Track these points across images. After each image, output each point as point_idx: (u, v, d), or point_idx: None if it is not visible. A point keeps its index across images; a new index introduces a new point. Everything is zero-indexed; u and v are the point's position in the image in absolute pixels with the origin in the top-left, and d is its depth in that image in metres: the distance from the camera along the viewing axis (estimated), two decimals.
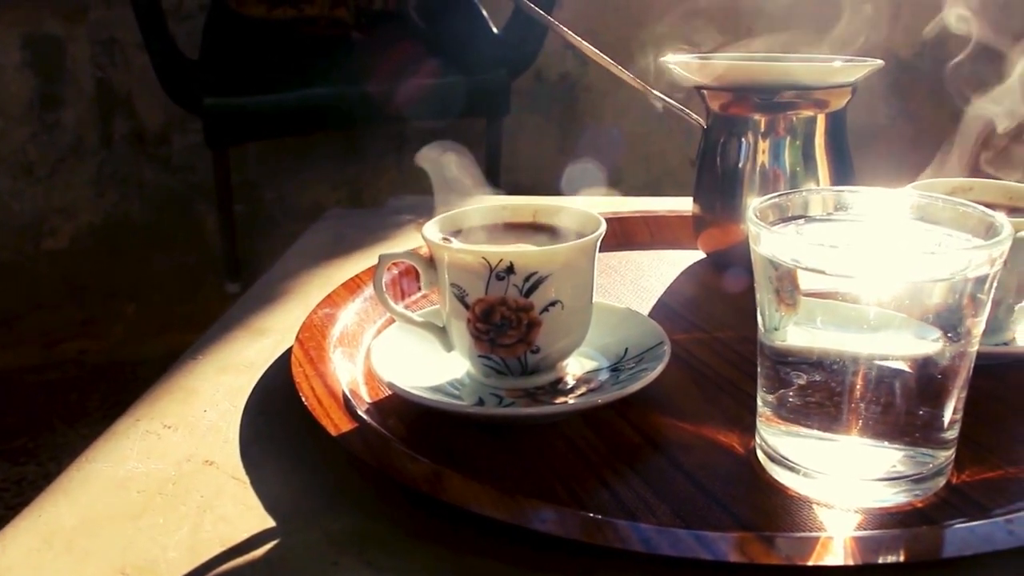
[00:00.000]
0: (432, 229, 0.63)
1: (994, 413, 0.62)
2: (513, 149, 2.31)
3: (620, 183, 2.56)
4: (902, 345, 0.49)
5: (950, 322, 0.48)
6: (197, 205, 2.49)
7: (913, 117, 2.30)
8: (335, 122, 2.15)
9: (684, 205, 0.89)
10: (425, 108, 2.09)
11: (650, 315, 0.77)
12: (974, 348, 0.50)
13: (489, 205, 0.67)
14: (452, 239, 0.63)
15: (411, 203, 1.13)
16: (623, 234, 0.95)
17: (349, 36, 2.13)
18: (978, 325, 0.50)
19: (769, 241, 0.50)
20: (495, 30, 2.14)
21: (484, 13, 2.18)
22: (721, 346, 0.71)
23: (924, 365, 0.49)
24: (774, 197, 0.54)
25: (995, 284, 0.49)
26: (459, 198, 0.69)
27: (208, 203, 2.34)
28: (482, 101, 2.11)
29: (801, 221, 0.55)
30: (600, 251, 0.89)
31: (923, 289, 0.47)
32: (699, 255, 0.90)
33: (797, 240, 0.51)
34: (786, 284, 0.50)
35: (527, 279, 0.58)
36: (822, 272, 0.48)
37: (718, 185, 0.83)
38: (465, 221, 0.65)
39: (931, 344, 0.49)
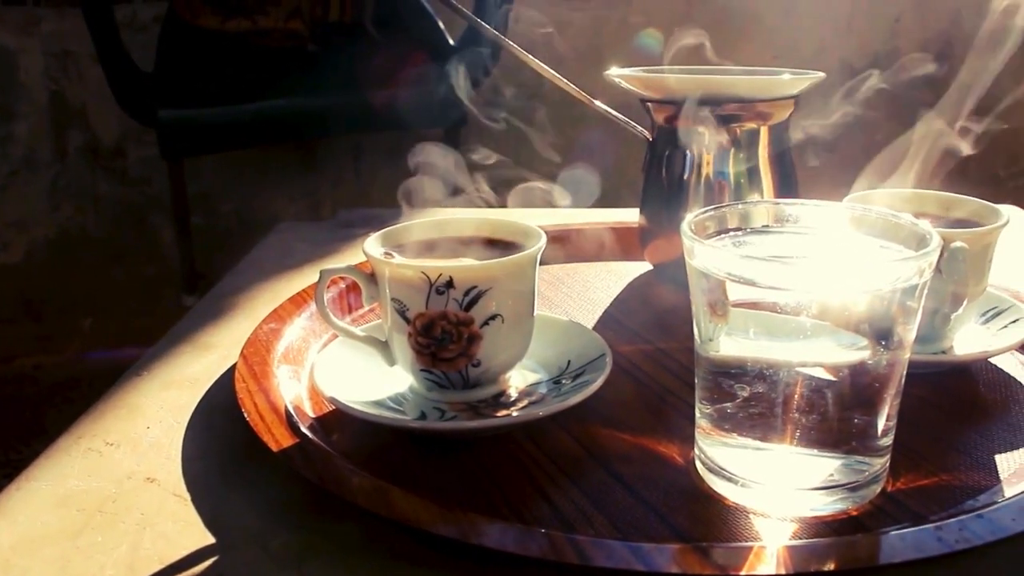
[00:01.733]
0: (373, 244, 0.63)
1: (930, 421, 0.63)
2: (469, 159, 2.31)
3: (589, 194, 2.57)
4: (834, 355, 0.50)
5: (881, 331, 0.49)
6: (153, 218, 2.47)
7: (868, 127, 2.32)
8: (291, 134, 2.14)
9: (632, 217, 0.90)
10: (382, 119, 2.09)
11: (595, 327, 0.77)
12: (906, 356, 0.51)
13: (431, 219, 0.67)
14: (394, 254, 0.63)
15: (361, 216, 1.13)
16: (572, 246, 0.95)
17: (305, 48, 2.13)
18: (909, 333, 0.51)
19: (702, 254, 0.50)
20: (452, 41, 2.14)
21: (441, 24, 2.19)
22: (665, 357, 0.71)
23: (857, 374, 0.50)
24: (709, 210, 0.55)
25: (925, 293, 0.50)
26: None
27: (164, 216, 2.33)
28: (439, 112, 2.11)
29: (737, 233, 0.56)
30: (548, 263, 0.90)
31: (853, 300, 0.48)
32: (646, 266, 0.91)
33: (728, 253, 0.51)
34: (719, 296, 0.50)
35: (467, 293, 0.58)
36: (753, 284, 0.48)
37: (663, 197, 0.83)
38: (407, 236, 0.66)
39: (863, 353, 0.49)
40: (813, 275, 0.49)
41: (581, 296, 0.85)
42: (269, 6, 2.08)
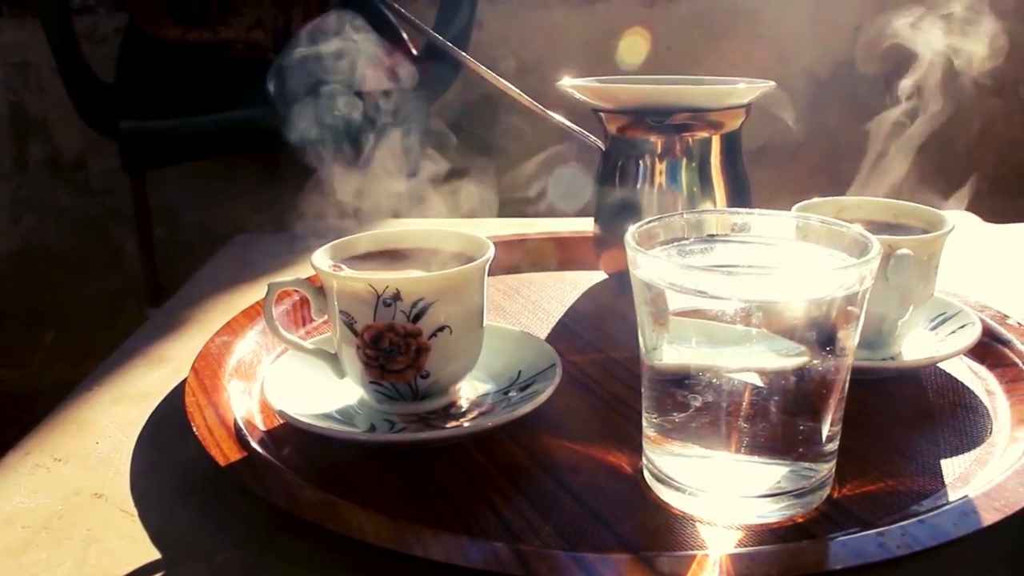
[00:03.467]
0: (322, 257, 0.63)
1: (878, 427, 0.63)
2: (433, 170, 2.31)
3: (536, 203, 2.58)
4: (777, 362, 0.50)
5: (823, 338, 0.50)
6: (116, 230, 2.45)
7: (830, 133, 2.34)
8: (255, 144, 2.13)
9: (588, 226, 0.90)
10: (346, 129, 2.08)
11: (549, 336, 0.78)
12: (849, 362, 0.52)
13: (380, 232, 0.67)
14: (343, 266, 0.63)
15: (319, 228, 1.13)
16: (527, 255, 0.96)
17: (267, 58, 2.12)
18: (851, 339, 0.51)
19: (644, 264, 0.51)
20: (414, 51, 2.14)
21: (404, 35, 2.18)
22: (616, 366, 0.71)
23: (801, 380, 0.50)
24: (653, 220, 0.55)
25: (867, 300, 0.50)
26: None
27: (127, 228, 2.31)
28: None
29: (682, 243, 0.56)
30: (504, 274, 0.90)
31: (795, 308, 0.49)
32: (601, 275, 0.91)
33: (670, 263, 0.51)
34: (661, 305, 0.50)
35: (414, 305, 0.58)
36: (695, 293, 0.49)
37: (617, 207, 0.83)
38: (356, 248, 0.66)
39: (805, 360, 0.50)
40: (754, 284, 0.49)
41: (535, 306, 0.85)
42: (231, 17, 2.07)
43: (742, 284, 0.48)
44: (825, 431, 0.52)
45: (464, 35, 2.07)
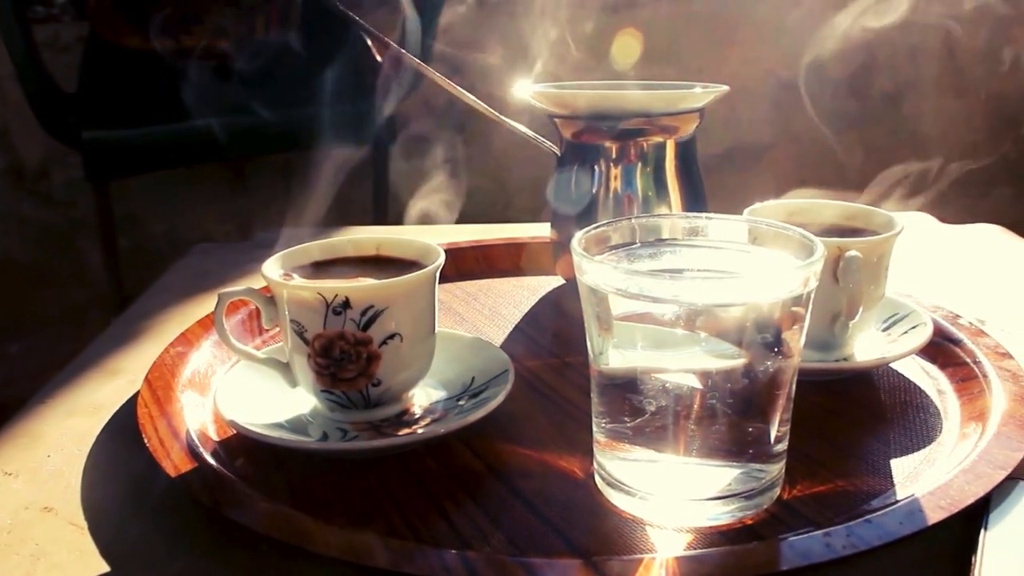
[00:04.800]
0: (272, 266, 0.63)
1: (829, 428, 0.64)
2: (402, 177, 2.31)
3: (508, 207, 2.58)
4: (723, 365, 0.50)
5: (769, 339, 0.50)
6: (80, 241, 2.43)
7: (796, 136, 2.36)
8: (219, 153, 2.12)
9: (546, 231, 0.91)
10: (310, 138, 2.08)
11: (505, 342, 0.78)
12: (795, 363, 0.52)
13: (332, 240, 0.67)
14: (294, 275, 0.63)
15: (279, 236, 1.12)
16: (485, 261, 0.96)
17: (230, 67, 2.11)
18: (797, 341, 0.51)
19: (590, 269, 0.51)
20: (379, 58, 2.13)
21: (368, 42, 2.18)
22: (571, 371, 0.72)
23: (747, 382, 0.50)
24: (601, 226, 0.55)
25: (811, 301, 0.51)
26: None
27: (92, 238, 2.29)
28: (367, 129, 2.11)
29: (630, 248, 0.56)
30: (462, 279, 0.90)
31: (740, 310, 0.49)
32: (559, 281, 0.91)
33: (614, 268, 0.52)
34: (606, 310, 0.51)
35: (364, 313, 0.58)
36: (638, 298, 0.49)
37: (572, 212, 0.84)
38: (307, 257, 0.65)
39: (752, 361, 0.50)
40: (697, 288, 0.49)
41: (493, 311, 0.85)
42: (193, 25, 2.06)
43: (685, 288, 0.49)
44: (773, 432, 0.52)
45: (427, 42, 2.07)
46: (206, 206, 2.42)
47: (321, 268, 0.65)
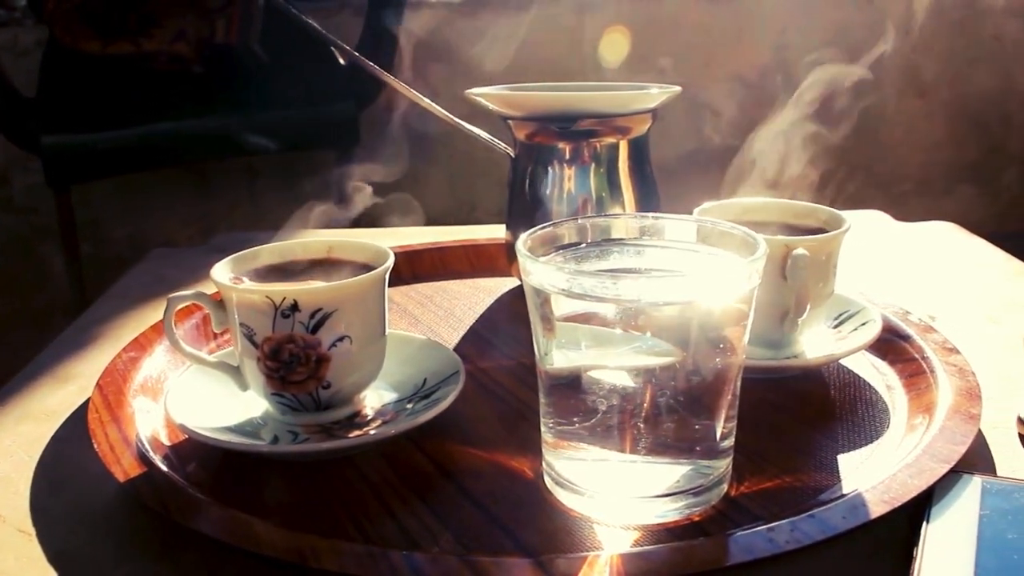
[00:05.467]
0: (222, 269, 0.63)
1: (779, 424, 0.64)
2: (367, 179, 2.30)
3: (475, 209, 2.58)
4: (667, 363, 0.51)
5: (712, 336, 0.50)
6: (42, 246, 2.41)
7: (759, 138, 2.37)
8: (181, 157, 2.11)
9: (502, 232, 0.91)
10: (273, 141, 2.07)
11: (460, 343, 0.78)
12: (739, 360, 0.53)
13: (282, 243, 0.67)
14: (244, 278, 0.63)
15: (236, 240, 1.12)
16: (442, 263, 0.96)
17: (191, 70, 2.11)
18: (741, 338, 0.52)
19: (533, 270, 0.51)
20: (341, 61, 2.13)
21: (331, 45, 2.17)
22: (525, 372, 0.72)
23: (692, 380, 0.51)
24: (547, 226, 0.56)
25: (754, 299, 0.51)
26: None
27: (54, 244, 2.27)
28: (331, 132, 2.11)
29: (579, 248, 0.57)
30: (418, 281, 0.91)
31: (682, 309, 0.49)
32: (514, 282, 0.91)
33: (557, 268, 0.52)
34: (550, 311, 0.51)
35: (312, 315, 0.58)
36: (581, 298, 0.49)
37: (528, 213, 0.84)
38: (257, 260, 0.65)
39: (696, 359, 0.50)
40: (639, 287, 0.50)
41: (448, 313, 0.85)
42: (153, 29, 2.05)
43: (627, 288, 0.49)
44: (719, 429, 0.53)
45: (389, 46, 2.07)
46: (169, 210, 2.40)
47: (272, 271, 0.65)
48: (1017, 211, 2.73)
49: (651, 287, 0.49)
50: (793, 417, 0.65)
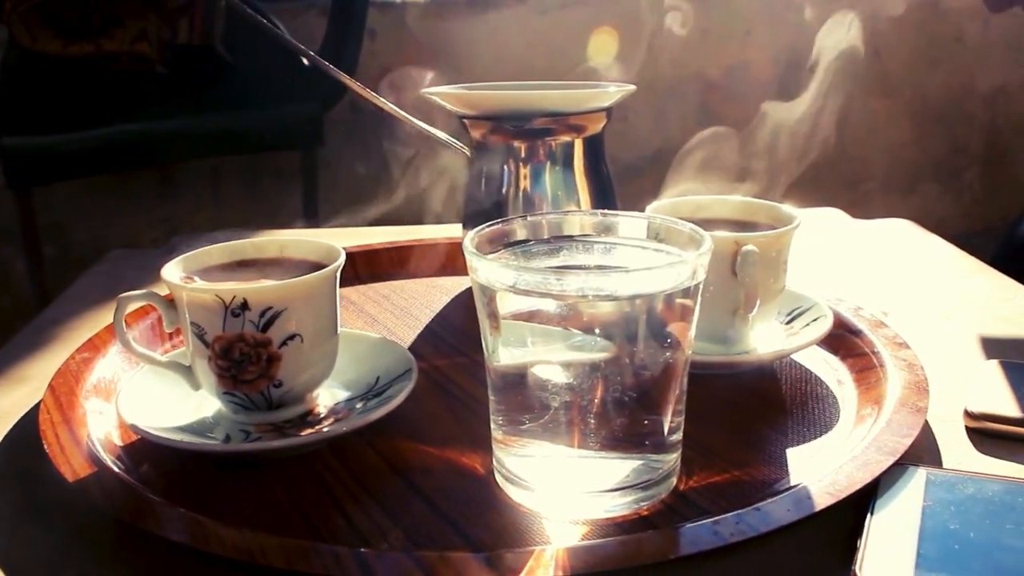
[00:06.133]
0: (173, 269, 0.63)
1: (730, 419, 0.65)
2: (332, 181, 2.30)
3: (433, 211, 2.58)
4: (613, 358, 0.51)
5: (658, 331, 0.51)
6: (3, 249, 2.39)
7: (724, 138, 2.39)
8: (144, 159, 2.10)
9: (458, 232, 0.91)
10: (237, 142, 2.07)
11: (416, 342, 0.78)
12: (686, 354, 0.53)
13: (234, 243, 0.67)
14: (195, 278, 0.63)
15: (197, 241, 1.12)
16: (399, 263, 0.96)
17: (154, 71, 2.09)
18: (687, 333, 0.52)
19: (479, 267, 0.52)
20: (305, 61, 2.12)
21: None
22: (479, 370, 0.71)
23: (639, 375, 0.51)
24: (495, 223, 0.56)
25: (699, 294, 0.52)
26: None
27: (15, 246, 2.25)
28: (295, 133, 2.10)
29: (529, 244, 0.57)
30: (375, 280, 0.91)
31: (627, 304, 0.50)
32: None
33: (503, 266, 0.52)
34: (496, 308, 0.51)
35: (262, 314, 0.58)
36: (528, 294, 0.50)
37: (484, 211, 0.84)
38: (208, 260, 0.65)
39: (641, 355, 0.51)
40: (583, 283, 0.50)
41: (404, 312, 0.85)
42: (113, 29, 2.04)
43: (570, 284, 0.49)
44: (667, 424, 0.53)
45: (354, 46, 2.07)
46: (133, 212, 2.39)
47: (224, 271, 0.65)
48: (980, 209, 2.76)
49: (595, 283, 0.50)
50: (744, 412, 0.66)
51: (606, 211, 0.58)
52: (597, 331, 0.50)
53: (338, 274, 0.62)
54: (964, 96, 2.70)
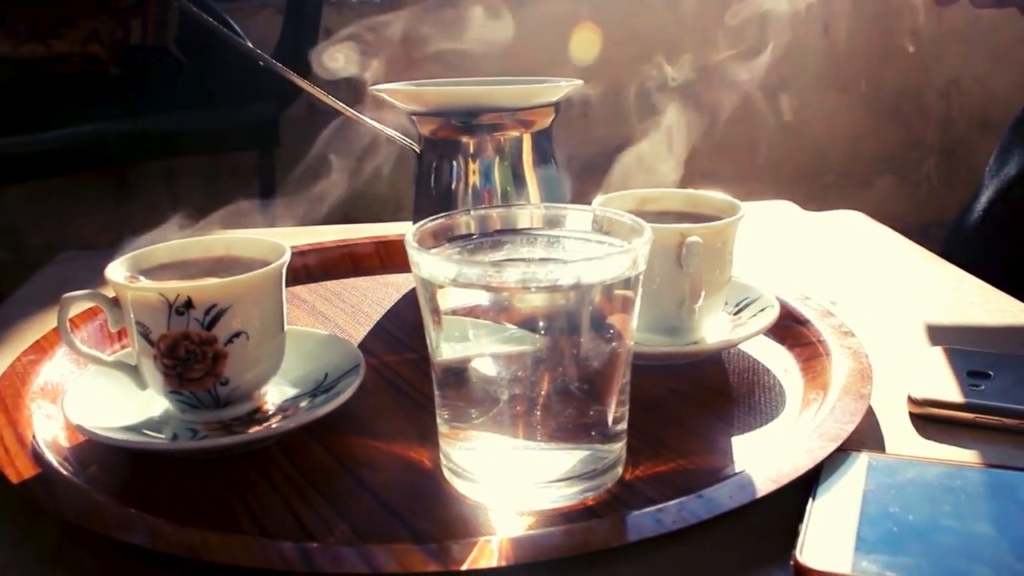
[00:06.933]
0: (117, 269, 0.62)
1: (677, 410, 0.65)
2: (291, 181, 2.29)
3: (400, 209, 2.57)
4: (554, 351, 0.51)
5: (599, 322, 0.51)
6: None
7: (682, 133, 2.39)
8: (98, 161, 2.08)
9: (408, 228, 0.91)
10: (192, 142, 2.06)
11: (366, 339, 0.78)
12: (628, 345, 0.53)
13: (180, 241, 0.67)
14: (140, 277, 0.63)
15: (148, 242, 1.11)
16: (352, 260, 0.96)
17: (107, 72, 2.07)
18: (629, 323, 0.53)
19: (421, 262, 0.52)
20: (261, 63, 2.11)
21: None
22: (428, 365, 0.72)
23: (581, 366, 0.52)
24: (437, 218, 0.56)
25: (640, 284, 0.52)
26: None
27: None
28: (251, 133, 2.10)
29: (472, 239, 0.57)
30: (326, 278, 0.91)
31: (568, 295, 0.50)
32: None
33: (443, 260, 0.53)
34: (438, 303, 0.52)
35: (207, 312, 0.58)
36: (469, 287, 0.50)
37: (434, 208, 0.84)
38: (153, 259, 0.65)
39: (584, 346, 0.51)
40: (523, 275, 0.50)
41: (355, 309, 0.85)
42: (64, 29, 2.02)
43: (510, 276, 0.50)
44: (611, 414, 0.54)
45: (310, 45, 2.06)
46: (88, 215, 2.37)
47: (169, 269, 0.65)
48: (935, 202, 2.79)
49: (534, 274, 0.50)
50: (691, 402, 0.67)
51: (550, 204, 0.59)
52: (540, 323, 0.50)
53: (284, 271, 0.62)
54: (919, 90, 2.73)
